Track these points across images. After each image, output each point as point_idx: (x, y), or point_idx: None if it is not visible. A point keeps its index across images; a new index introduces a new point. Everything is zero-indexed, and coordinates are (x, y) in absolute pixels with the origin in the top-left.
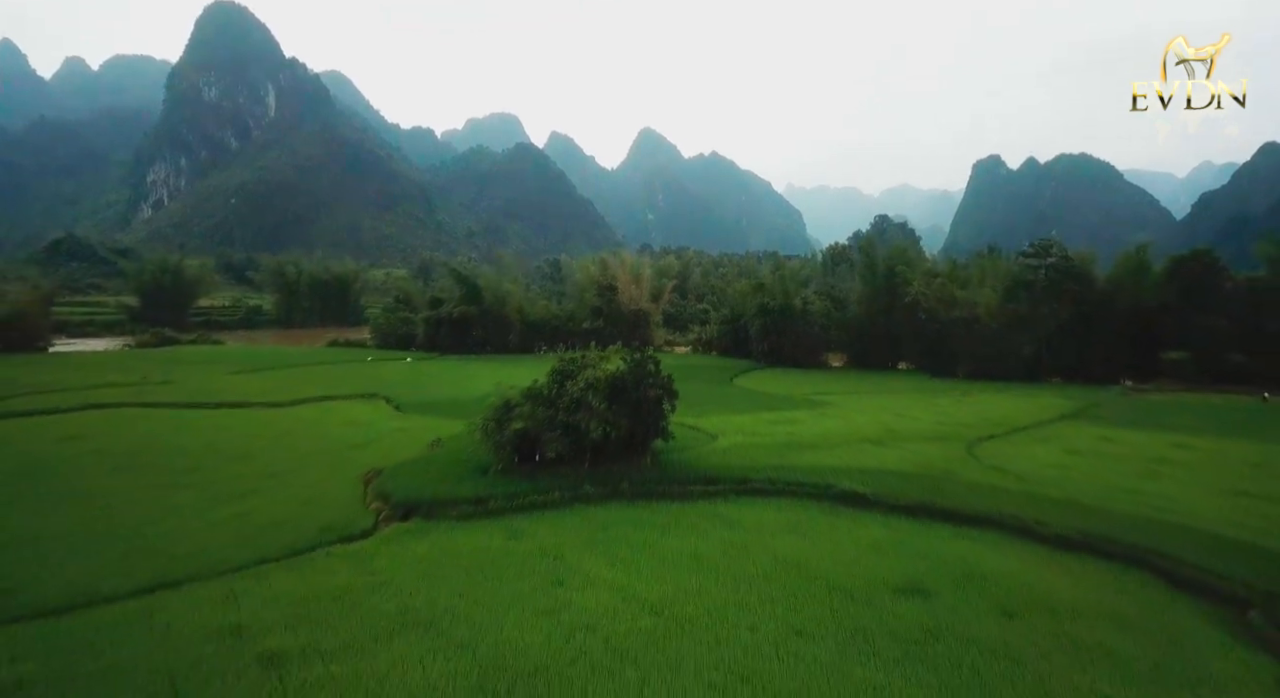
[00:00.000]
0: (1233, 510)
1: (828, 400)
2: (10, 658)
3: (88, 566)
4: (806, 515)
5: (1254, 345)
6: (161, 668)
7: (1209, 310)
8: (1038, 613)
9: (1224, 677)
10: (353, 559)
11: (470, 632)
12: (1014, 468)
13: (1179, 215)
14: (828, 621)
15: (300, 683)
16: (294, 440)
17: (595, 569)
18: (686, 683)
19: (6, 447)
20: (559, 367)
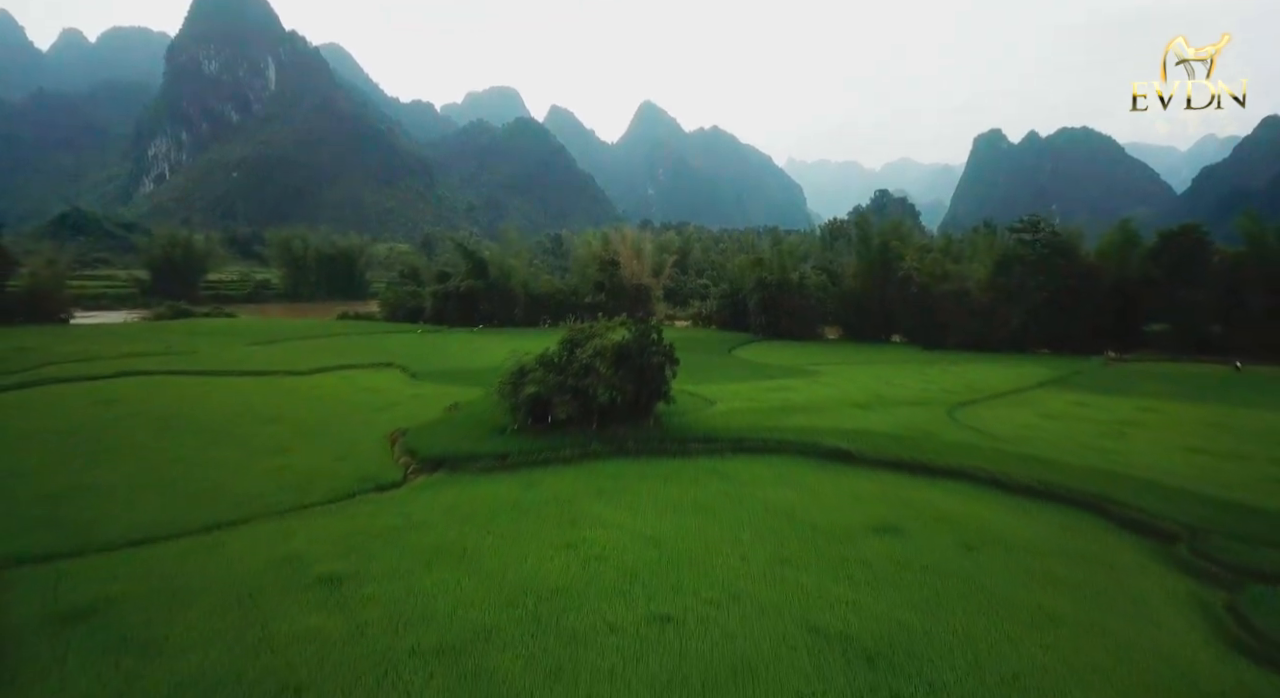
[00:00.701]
0: (1182, 464)
1: (821, 370)
2: (98, 580)
3: (152, 509)
4: (796, 470)
5: (1233, 318)
6: (234, 586)
7: (1191, 284)
8: (995, 547)
9: (1148, 595)
10: (388, 504)
11: (498, 562)
12: (990, 429)
13: (1181, 189)
14: (810, 553)
15: (357, 599)
16: (319, 405)
17: (605, 513)
18: (686, 600)
19: (53, 410)
20: (568, 336)
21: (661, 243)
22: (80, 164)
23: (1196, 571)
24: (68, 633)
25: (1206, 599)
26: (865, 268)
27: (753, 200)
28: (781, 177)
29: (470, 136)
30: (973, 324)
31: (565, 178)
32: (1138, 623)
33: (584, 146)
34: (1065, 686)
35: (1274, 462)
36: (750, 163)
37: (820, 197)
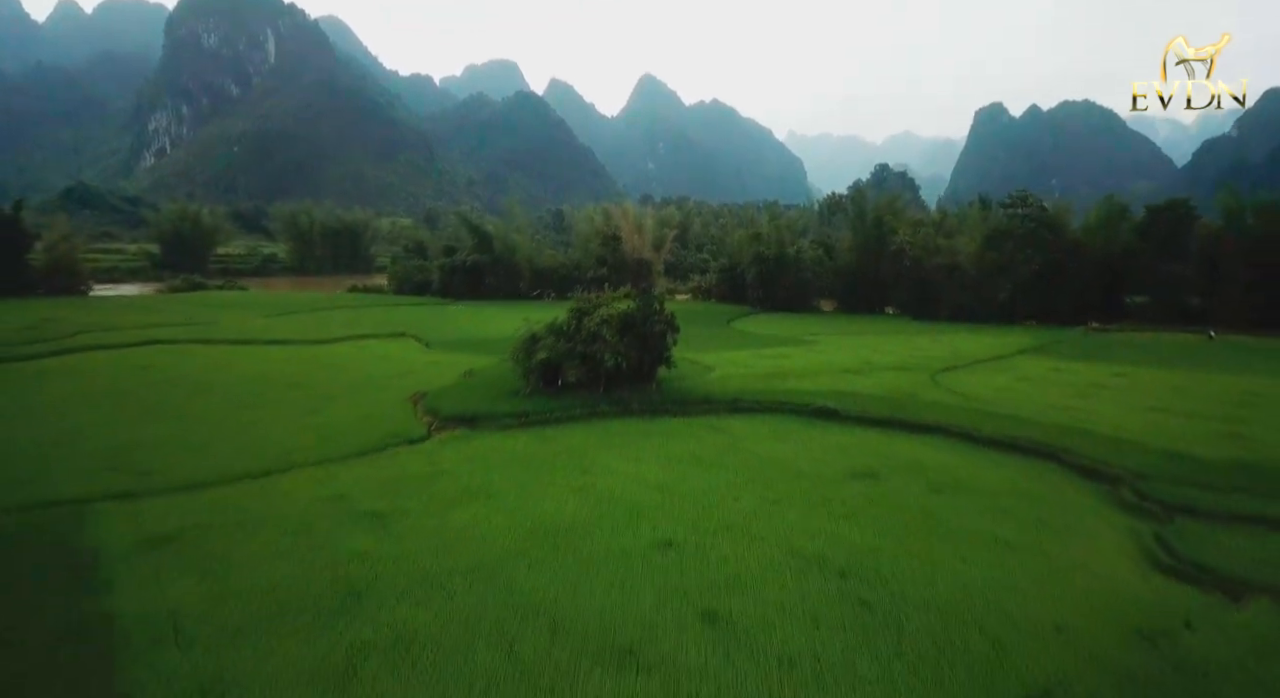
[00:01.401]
0: (1140, 421)
1: (815, 340)
2: (173, 514)
3: (205, 459)
4: (787, 427)
5: (1211, 290)
6: (291, 519)
7: (1174, 258)
8: (960, 490)
9: (1090, 527)
10: (416, 455)
11: (519, 502)
12: (968, 391)
13: (1183, 162)
14: (796, 494)
15: (399, 529)
16: (340, 372)
17: (612, 463)
18: (685, 531)
19: (92, 375)
20: (576, 305)
21: (662, 217)
22: (79, 137)
23: (1135, 508)
24: (157, 554)
25: (1139, 531)
26: (860, 242)
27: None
28: (782, 150)
29: (470, 110)
30: (963, 297)
31: (565, 152)
32: (1077, 549)
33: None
34: (1006, 593)
35: (1223, 419)
36: (751, 136)
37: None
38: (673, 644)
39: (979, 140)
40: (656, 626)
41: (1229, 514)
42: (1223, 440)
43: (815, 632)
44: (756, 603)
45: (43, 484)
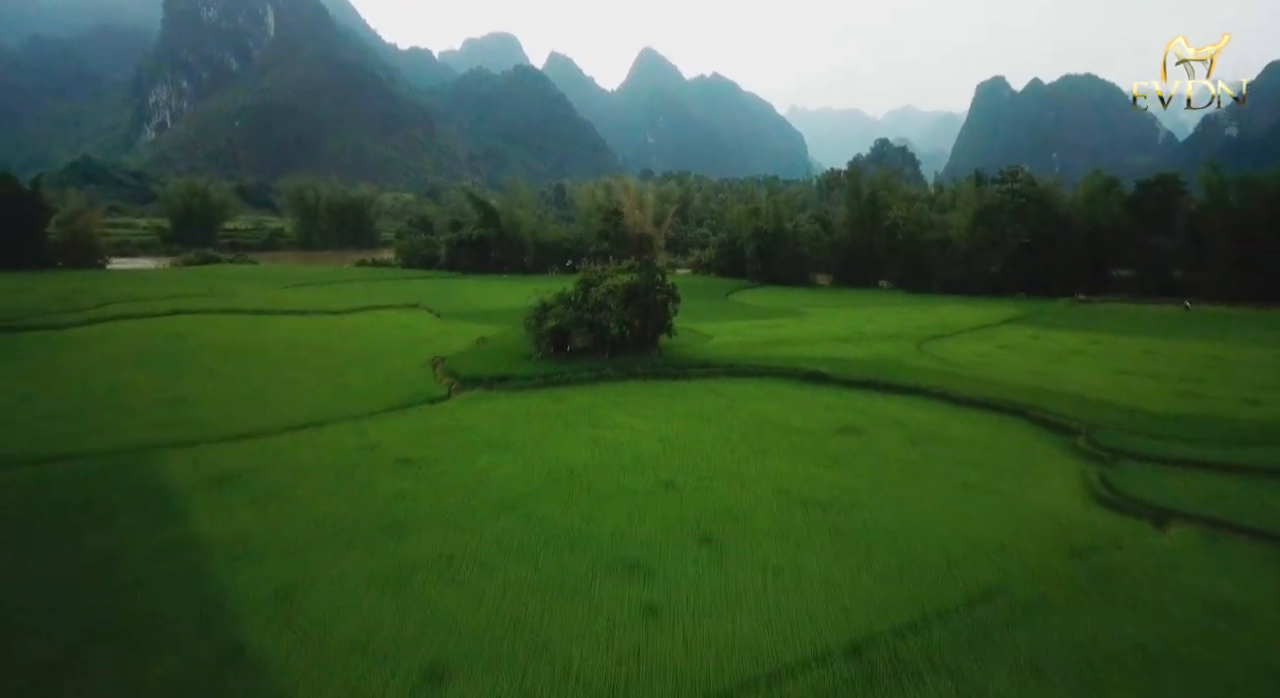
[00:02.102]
0: (1105, 382)
1: (810, 311)
2: (229, 459)
3: (248, 414)
4: (779, 389)
5: (1192, 262)
6: (334, 464)
7: (1158, 232)
8: (935, 442)
9: (1045, 471)
10: (439, 412)
11: (536, 451)
12: (950, 357)
13: (1185, 136)
14: (785, 446)
15: (431, 473)
16: (360, 339)
17: (619, 419)
18: (685, 475)
19: (133, 341)
20: (583, 277)
21: (663, 193)
22: (79, 111)
23: (1087, 455)
24: (220, 491)
25: (1087, 473)
26: (855, 218)
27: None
28: (783, 125)
29: (469, 85)
30: (954, 270)
31: (565, 127)
32: (1030, 488)
33: (583, 94)
34: (962, 522)
35: (1182, 380)
36: (751, 111)
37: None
38: (673, 559)
39: (980, 114)
40: (660, 545)
41: (1168, 458)
42: (1177, 398)
43: (796, 551)
44: (746, 530)
45: (111, 433)
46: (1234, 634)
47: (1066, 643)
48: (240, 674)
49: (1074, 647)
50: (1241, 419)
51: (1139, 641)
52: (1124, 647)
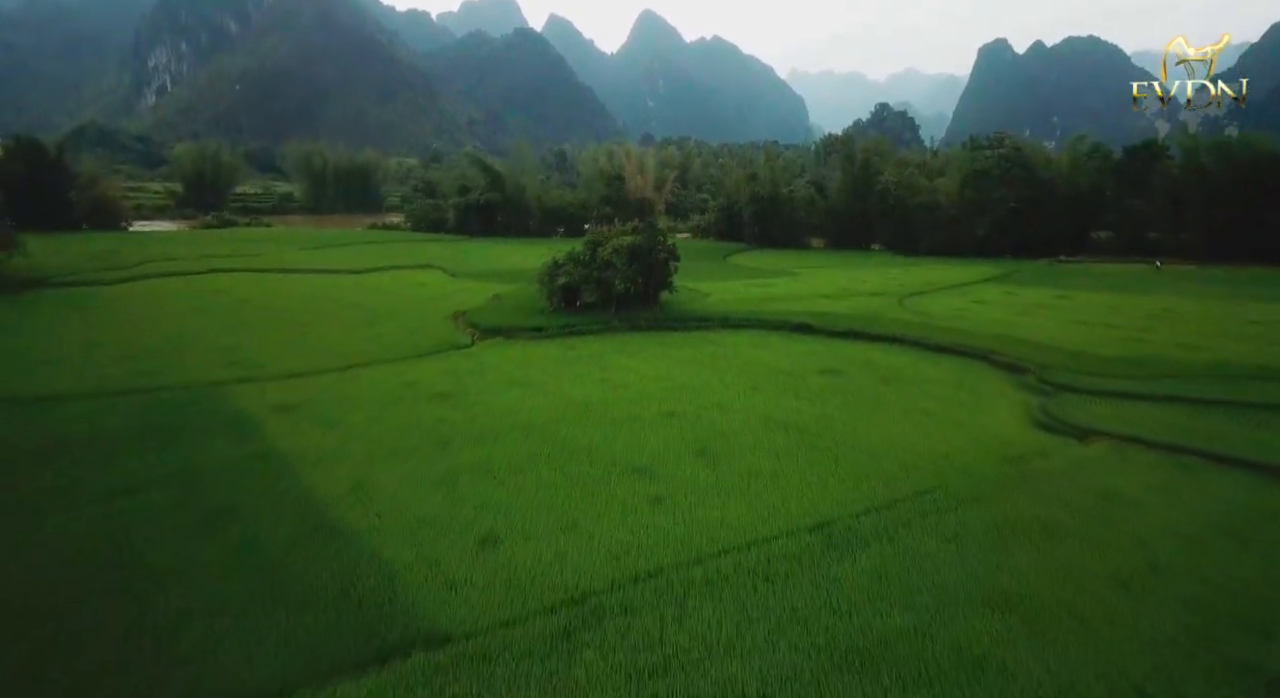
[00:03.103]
0: (1064, 331)
1: (802, 272)
2: (288, 392)
3: (296, 358)
4: (769, 338)
5: (1168, 224)
6: (379, 397)
7: (1136, 195)
8: (903, 381)
9: (995, 402)
10: (465, 357)
11: (554, 387)
12: (927, 311)
13: None
14: (772, 384)
15: (465, 404)
16: (384, 296)
17: (624, 363)
18: (685, 407)
19: (172, 296)
20: (591, 237)
21: (663, 158)
22: (78, 74)
23: (1034, 389)
24: (287, 416)
25: (1031, 403)
26: (848, 183)
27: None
28: (784, 89)
29: (468, 48)
30: (943, 233)
31: (565, 91)
32: (980, 415)
33: (583, 58)
34: (918, 440)
35: (1133, 328)
36: (752, 74)
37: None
38: (674, 467)
39: (982, 78)
40: (662, 457)
41: (1101, 390)
42: (1124, 344)
43: (776, 461)
44: (735, 446)
45: (180, 372)
46: (1119, 515)
47: (984, 521)
48: (334, 540)
49: (990, 523)
50: (1172, 359)
51: (1043, 519)
52: (1030, 523)
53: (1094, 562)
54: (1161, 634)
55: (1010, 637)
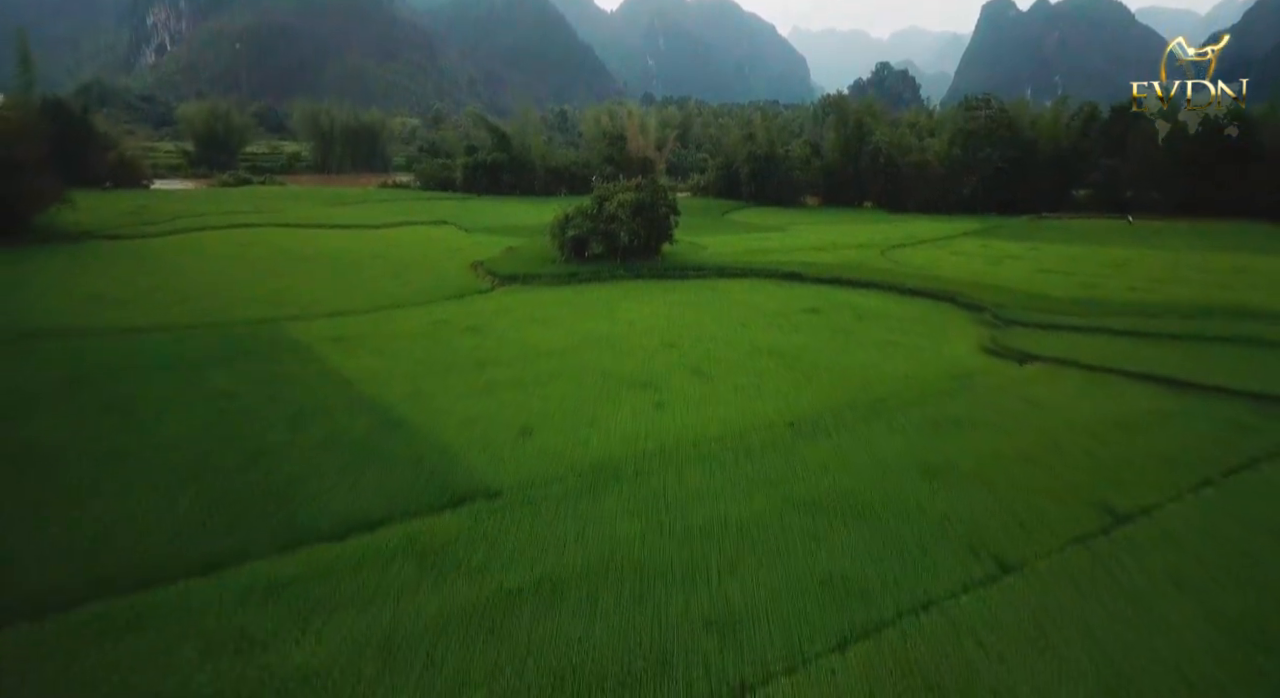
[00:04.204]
0: (1026, 278)
1: (795, 227)
2: (336, 327)
3: (335, 300)
4: (761, 284)
5: (1143, 182)
6: (416, 331)
7: (1114, 154)
8: (876, 318)
9: (953, 335)
10: (489, 300)
11: (568, 324)
12: (907, 261)
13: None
14: (760, 322)
15: (492, 337)
16: (403, 248)
17: (630, 306)
18: (683, 339)
19: (210, 248)
20: (598, 193)
21: (664, 118)
22: (75, 31)
23: (989, 324)
24: (340, 345)
25: (984, 335)
26: (842, 143)
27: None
28: (785, 47)
29: (467, 5)
30: (931, 191)
31: (565, 50)
32: (939, 345)
33: (582, 15)
34: (883, 363)
35: (1089, 275)
36: (753, 32)
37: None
38: (673, 382)
39: (985, 36)
40: (663, 375)
41: (1048, 325)
42: (1078, 288)
43: (759, 379)
44: (725, 367)
45: (237, 311)
46: (1036, 415)
47: (925, 418)
48: (402, 430)
49: (929, 419)
50: (1117, 301)
51: (973, 417)
52: (962, 419)
53: (1007, 445)
54: (1045, 489)
55: (930, 491)
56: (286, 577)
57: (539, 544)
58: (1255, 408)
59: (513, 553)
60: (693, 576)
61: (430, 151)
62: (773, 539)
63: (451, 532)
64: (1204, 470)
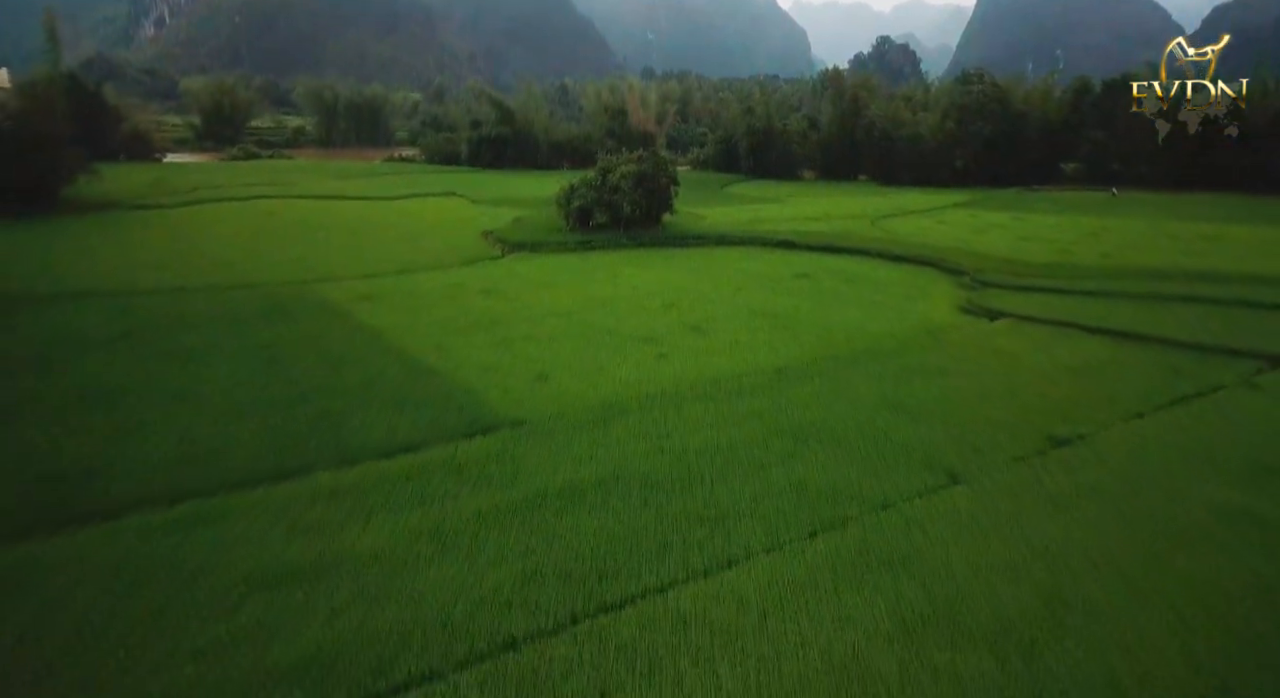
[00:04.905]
0: (1008, 245)
1: (791, 199)
2: (363, 288)
3: (356, 263)
4: (756, 252)
5: (1128, 155)
6: (434, 293)
7: (1101, 127)
8: (862, 282)
9: (934, 296)
10: (499, 266)
11: (575, 288)
12: (895, 230)
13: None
14: (754, 285)
15: (505, 299)
16: (417, 218)
17: (632, 271)
18: (682, 301)
19: (232, 218)
20: (601, 165)
21: (664, 92)
22: (72, 3)
23: (967, 287)
24: (366, 304)
25: (960, 296)
26: (838, 117)
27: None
28: (786, 21)
29: None
30: (924, 164)
31: (564, 23)
32: (919, 305)
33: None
34: (866, 322)
35: (1066, 243)
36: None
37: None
38: (674, 338)
39: (986, 9)
40: (665, 332)
41: (1022, 286)
42: (1055, 253)
43: (752, 334)
44: (721, 325)
45: (268, 273)
46: (998, 363)
47: (899, 365)
48: (432, 376)
49: (902, 367)
50: (1089, 265)
51: (942, 365)
52: (931, 367)
53: (969, 387)
54: (998, 421)
55: (897, 423)
56: (347, 485)
57: (558, 461)
58: (1194, 357)
59: (536, 468)
60: (688, 485)
61: (433, 126)
62: (757, 458)
63: (483, 452)
64: (1138, 406)
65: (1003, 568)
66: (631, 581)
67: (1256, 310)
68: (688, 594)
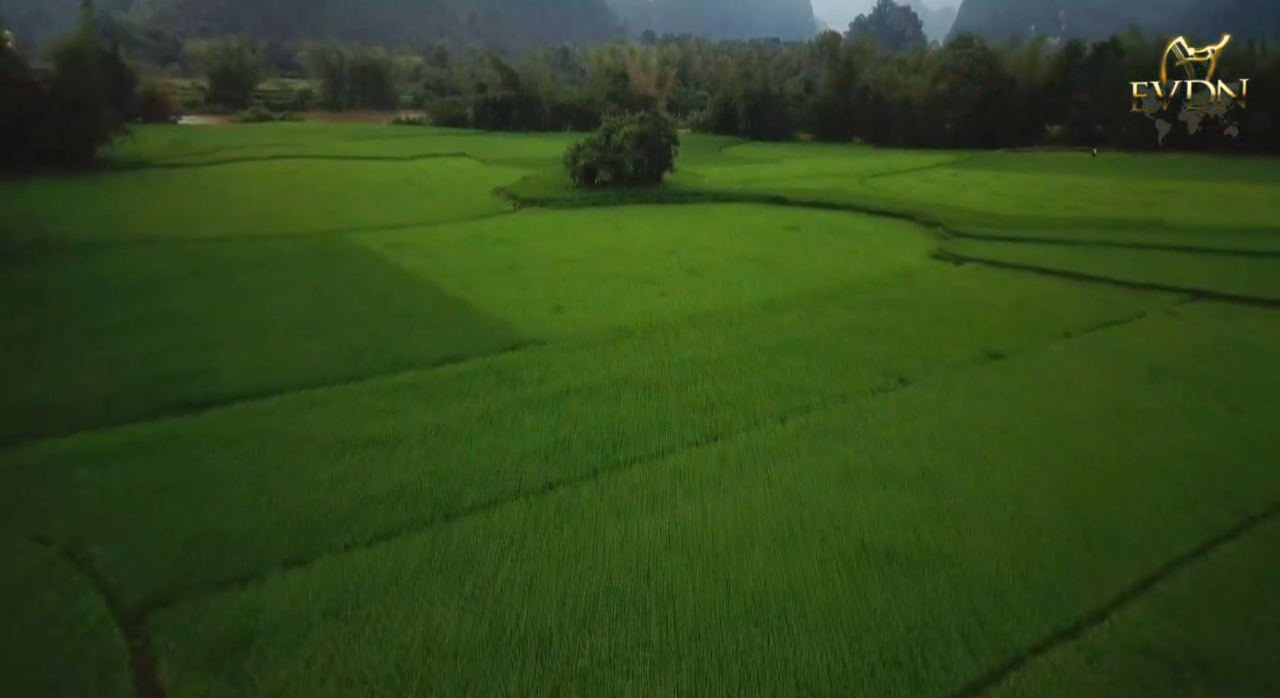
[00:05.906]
0: (983, 201)
1: (786, 160)
2: (386, 239)
3: (382, 216)
4: (750, 207)
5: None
6: (456, 242)
7: (1082, 89)
8: (848, 234)
9: (910, 246)
10: (512, 219)
11: (582, 238)
12: (882, 188)
13: None
14: (747, 236)
15: (520, 247)
16: (431, 177)
17: (635, 224)
18: (680, 248)
19: (257, 177)
20: (606, 125)
21: (664, 56)
22: None
23: (940, 237)
24: (397, 251)
25: (933, 245)
26: (834, 81)
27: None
28: None
29: None
30: (915, 127)
31: None
32: (895, 252)
33: None
34: (847, 266)
35: (1039, 199)
36: None
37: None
38: (672, 279)
39: None
40: (664, 275)
41: (989, 236)
42: (1026, 208)
43: (743, 277)
44: (716, 269)
45: (304, 223)
46: (958, 298)
47: (869, 299)
48: (462, 308)
49: (872, 300)
50: (1056, 218)
51: (908, 299)
52: (898, 301)
53: (928, 316)
54: (948, 340)
55: (859, 341)
56: (406, 384)
57: (577, 368)
58: (1127, 292)
59: (560, 373)
60: (683, 386)
61: (437, 89)
62: (741, 366)
63: (515, 362)
64: (1069, 328)
65: (929, 438)
66: (639, 447)
67: (1190, 253)
68: (683, 457)
